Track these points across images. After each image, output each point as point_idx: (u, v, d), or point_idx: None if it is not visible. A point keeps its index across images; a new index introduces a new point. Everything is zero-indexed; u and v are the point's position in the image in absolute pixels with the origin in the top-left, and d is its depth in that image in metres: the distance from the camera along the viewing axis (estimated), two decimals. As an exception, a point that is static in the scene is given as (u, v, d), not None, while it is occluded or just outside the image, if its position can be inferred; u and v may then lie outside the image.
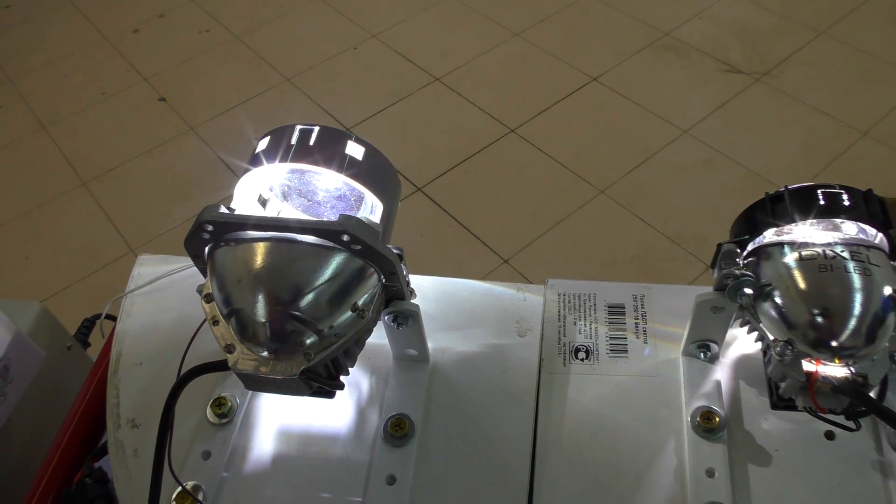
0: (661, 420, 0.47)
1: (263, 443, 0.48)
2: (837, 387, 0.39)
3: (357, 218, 0.39)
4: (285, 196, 0.48)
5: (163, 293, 0.56)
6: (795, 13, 2.30)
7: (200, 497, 0.45)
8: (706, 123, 1.98)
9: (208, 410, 0.49)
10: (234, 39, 2.38)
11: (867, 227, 0.42)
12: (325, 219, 0.40)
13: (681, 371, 0.49)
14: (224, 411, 0.49)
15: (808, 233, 0.42)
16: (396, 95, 2.14)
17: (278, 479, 0.47)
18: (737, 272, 0.41)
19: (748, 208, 0.45)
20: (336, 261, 0.40)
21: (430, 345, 0.52)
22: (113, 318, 0.73)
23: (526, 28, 2.33)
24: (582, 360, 0.52)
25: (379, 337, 0.50)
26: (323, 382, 0.40)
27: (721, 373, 0.49)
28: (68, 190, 1.95)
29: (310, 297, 0.39)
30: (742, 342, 0.49)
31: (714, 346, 0.49)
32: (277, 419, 0.50)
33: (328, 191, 0.47)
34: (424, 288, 0.55)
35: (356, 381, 0.51)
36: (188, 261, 0.58)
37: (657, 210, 1.78)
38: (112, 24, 2.47)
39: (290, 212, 0.47)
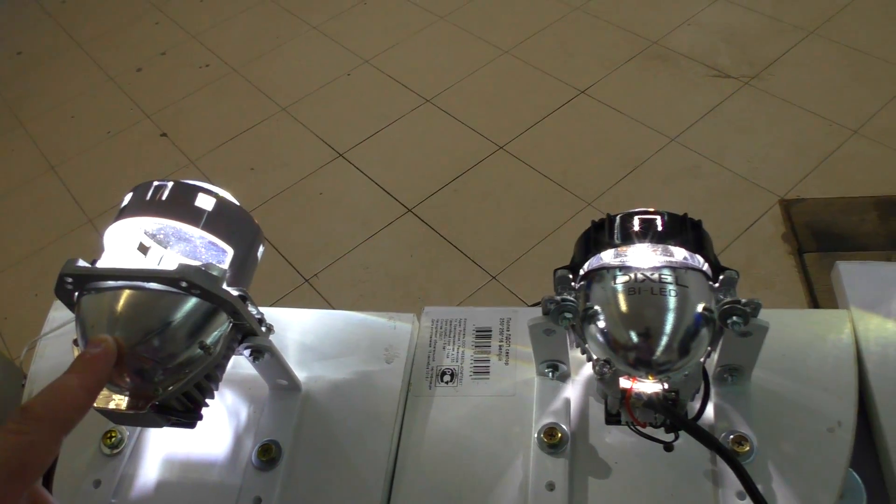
0: (513, 437, 0.50)
1: (149, 470, 0.53)
2: (647, 402, 0.41)
3: (194, 266, 0.44)
4: (165, 243, 0.52)
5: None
6: (785, 14, 2.29)
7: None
8: (694, 130, 1.98)
9: (100, 443, 0.53)
10: (232, 73, 2.46)
11: (688, 251, 0.44)
12: (176, 265, 0.44)
13: (535, 390, 0.51)
14: (114, 443, 0.53)
15: (638, 257, 0.44)
16: (388, 118, 2.18)
17: (159, 504, 0.51)
18: (557, 297, 0.43)
19: (582, 234, 0.48)
20: (180, 304, 0.44)
21: (304, 374, 0.56)
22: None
23: (515, 45, 2.36)
24: (447, 382, 0.55)
25: (260, 368, 0.55)
26: (178, 415, 0.44)
27: (572, 390, 0.51)
28: (76, 227, 2.03)
29: (156, 337, 0.43)
30: (593, 361, 0.51)
31: (562, 366, 0.51)
32: (164, 448, 0.54)
33: (198, 238, 0.51)
34: (305, 321, 0.59)
35: (236, 410, 0.55)
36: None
37: (644, 219, 1.78)
38: (116, 64, 2.57)
39: (171, 257, 0.51)
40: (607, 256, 0.45)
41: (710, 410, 0.48)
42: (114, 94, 2.45)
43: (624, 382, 0.42)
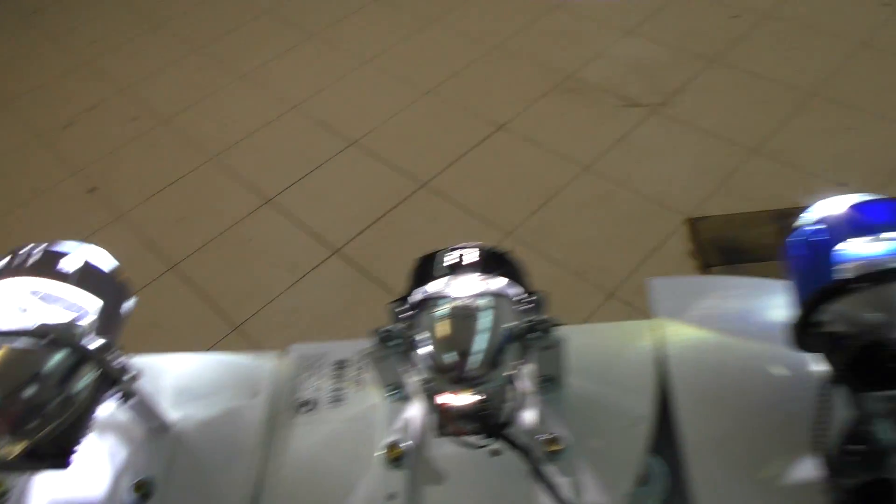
0: (362, 456, 0.55)
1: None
2: (462, 413, 0.46)
3: (57, 323, 0.49)
4: (44, 301, 0.56)
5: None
6: (689, 45, 2.43)
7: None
8: (607, 158, 2.08)
9: None
10: (162, 124, 2.49)
11: (505, 280, 0.50)
12: (44, 323, 0.49)
13: (381, 412, 0.57)
14: (1, 492, 0.57)
15: (458, 287, 0.50)
16: (315, 162, 2.24)
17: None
18: (385, 329, 0.49)
19: (412, 269, 0.53)
20: (47, 358, 0.49)
21: (178, 413, 0.60)
22: None
23: (437, 85, 2.45)
24: (307, 411, 0.59)
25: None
26: (51, 458, 0.48)
27: (415, 409, 0.56)
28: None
29: (25, 389, 0.47)
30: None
31: (404, 388, 0.56)
32: (49, 494, 0.58)
33: (68, 295, 0.55)
34: (181, 365, 0.64)
35: (114, 451, 0.60)
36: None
37: (561, 246, 1.86)
38: (45, 120, 2.59)
39: (55, 314, 0.56)
40: (433, 288, 0.51)
41: (531, 416, 0.53)
42: (41, 151, 2.46)
43: (445, 397, 0.47)
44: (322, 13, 2.91)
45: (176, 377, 0.62)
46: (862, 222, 0.46)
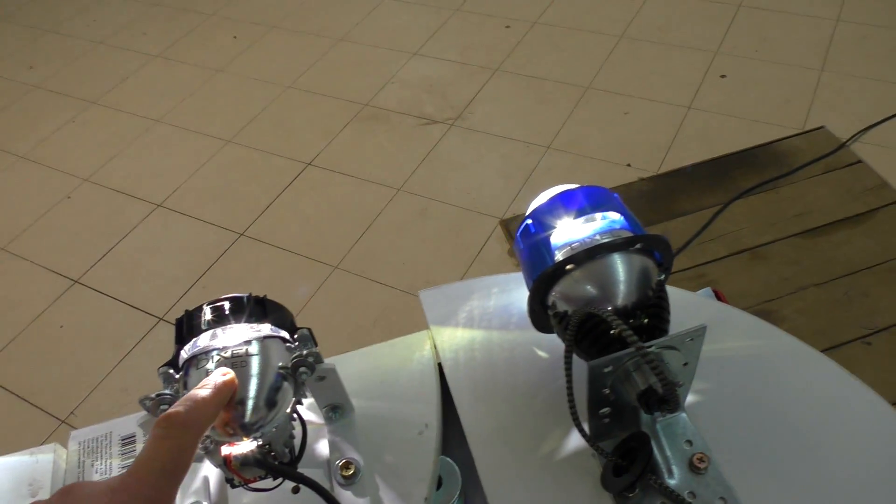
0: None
1: None
2: (243, 461, 0.47)
3: None
4: None
5: None
6: (470, 58, 2.57)
7: None
8: (416, 176, 2.15)
9: None
10: (-64, 224, 2.26)
11: (269, 324, 0.51)
12: None
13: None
14: None
15: (224, 338, 0.51)
16: (121, 232, 2.13)
17: None
18: (152, 395, 0.48)
19: (177, 327, 0.53)
20: None
21: None
22: None
23: (236, 133, 2.41)
24: (95, 497, 0.57)
25: None
26: None
27: (209, 468, 0.56)
28: None
29: None
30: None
31: (200, 449, 0.56)
32: None
33: None
34: None
35: None
36: None
37: (389, 268, 1.90)
38: None
39: None
40: (199, 343, 0.51)
41: (324, 447, 0.55)
42: None
43: (225, 448, 0.47)
44: (97, 80, 2.79)
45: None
46: (564, 209, 0.52)
